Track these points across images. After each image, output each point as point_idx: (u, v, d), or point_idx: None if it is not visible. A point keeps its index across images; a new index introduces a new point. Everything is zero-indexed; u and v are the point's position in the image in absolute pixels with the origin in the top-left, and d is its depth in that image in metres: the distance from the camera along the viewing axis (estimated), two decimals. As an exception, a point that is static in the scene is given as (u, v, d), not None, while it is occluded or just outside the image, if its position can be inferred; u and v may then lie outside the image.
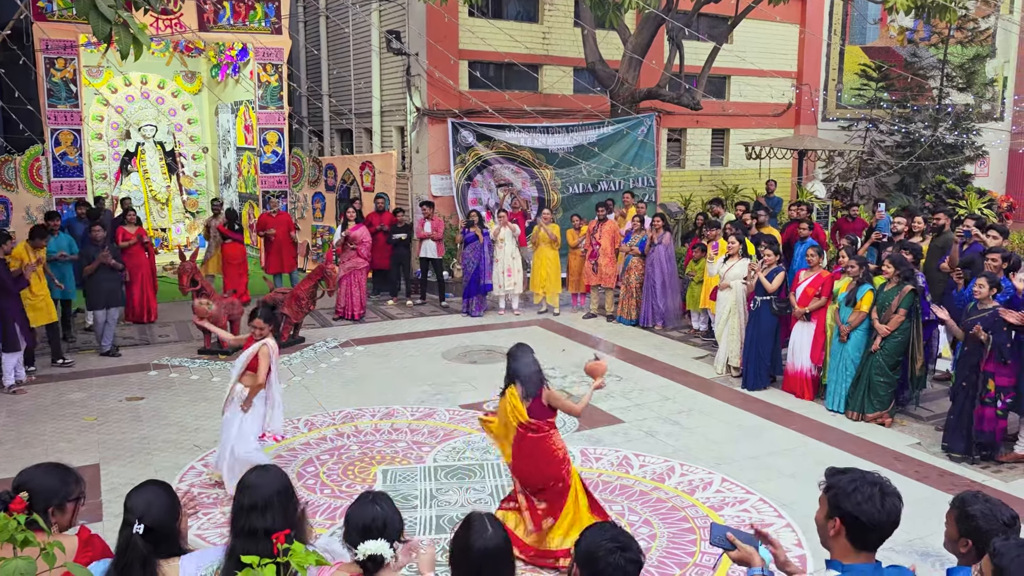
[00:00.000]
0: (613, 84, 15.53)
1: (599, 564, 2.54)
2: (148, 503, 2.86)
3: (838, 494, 2.56)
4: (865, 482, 2.55)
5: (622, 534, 2.61)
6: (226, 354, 10.48)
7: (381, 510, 2.94)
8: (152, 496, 2.90)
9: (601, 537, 2.59)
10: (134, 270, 11.69)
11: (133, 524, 2.80)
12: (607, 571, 2.53)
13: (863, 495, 2.51)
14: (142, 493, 2.91)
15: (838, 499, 2.56)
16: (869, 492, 2.51)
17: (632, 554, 2.55)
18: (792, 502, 6.37)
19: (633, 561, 2.55)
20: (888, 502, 2.51)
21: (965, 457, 7.20)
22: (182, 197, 18.75)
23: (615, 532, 2.62)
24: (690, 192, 18.46)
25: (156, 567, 2.81)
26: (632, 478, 6.83)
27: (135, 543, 2.77)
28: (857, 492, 2.52)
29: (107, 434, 7.79)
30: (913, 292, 8.02)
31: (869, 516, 2.49)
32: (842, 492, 2.55)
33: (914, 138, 18.60)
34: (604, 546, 2.55)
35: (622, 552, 2.54)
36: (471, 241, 12.70)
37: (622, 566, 2.53)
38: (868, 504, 2.50)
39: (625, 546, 2.56)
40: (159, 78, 18.60)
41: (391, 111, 17.25)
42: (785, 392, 9.08)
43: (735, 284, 9.63)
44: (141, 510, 2.83)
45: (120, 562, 2.78)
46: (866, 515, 2.50)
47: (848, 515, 2.53)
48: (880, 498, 2.51)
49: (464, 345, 11.16)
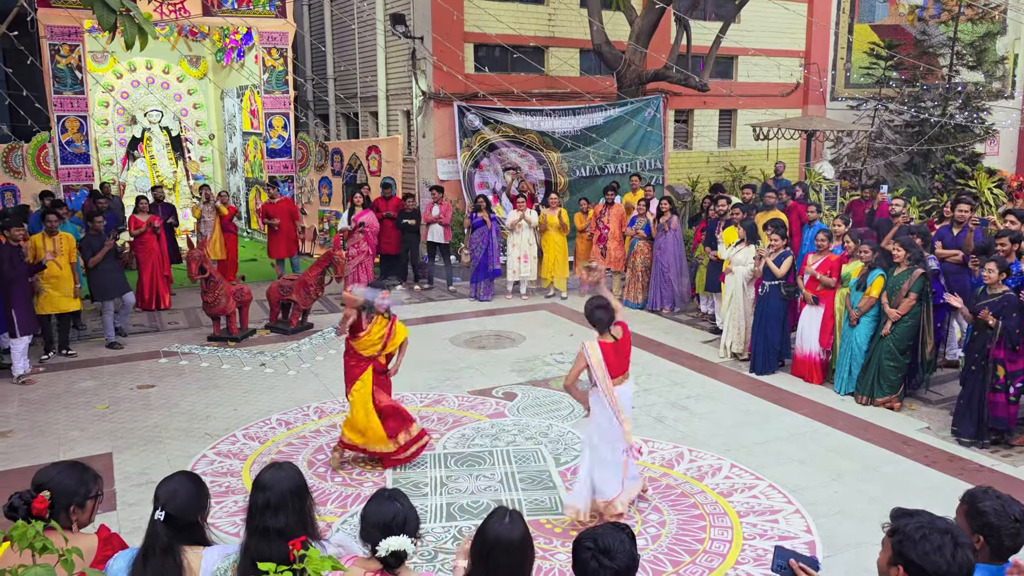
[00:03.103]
0: (620, 66, 15.43)
1: (577, 561, 2.56)
2: (173, 492, 2.95)
3: (903, 540, 2.35)
4: (935, 530, 2.33)
5: (610, 536, 2.58)
6: (235, 340, 10.54)
7: (401, 506, 2.97)
8: (178, 486, 2.99)
9: (587, 535, 2.60)
10: (144, 257, 11.71)
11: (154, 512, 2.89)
12: (582, 570, 2.54)
13: (932, 544, 2.30)
14: (170, 482, 3.01)
15: (903, 546, 2.35)
16: (939, 542, 2.30)
17: (611, 560, 2.52)
18: (801, 488, 6.38)
19: (610, 568, 2.52)
20: (960, 554, 2.30)
21: (975, 442, 7.20)
22: (188, 182, 18.75)
23: (604, 533, 2.59)
24: (698, 174, 18.37)
25: (180, 553, 2.89)
26: (641, 464, 6.84)
27: (156, 530, 2.87)
28: (926, 540, 2.31)
29: (119, 423, 7.84)
30: (924, 276, 7.99)
31: (937, 568, 2.28)
32: (908, 539, 2.34)
33: (923, 117, 18.43)
34: (583, 544, 2.56)
35: (598, 554, 2.52)
36: (479, 226, 12.69)
37: (595, 569, 2.52)
38: (938, 555, 2.29)
39: (604, 549, 2.53)
40: (164, 63, 18.56)
41: (397, 95, 17.19)
42: (794, 376, 9.07)
43: (738, 270, 9.60)
44: (165, 498, 2.92)
45: (147, 549, 2.86)
46: (934, 567, 2.28)
47: (914, 564, 2.31)
48: (952, 548, 2.29)
49: (472, 330, 11.17)
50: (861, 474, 6.67)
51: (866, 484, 6.47)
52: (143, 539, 2.92)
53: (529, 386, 8.83)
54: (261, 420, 7.87)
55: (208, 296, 10.37)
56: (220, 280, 10.50)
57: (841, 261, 8.77)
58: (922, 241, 8.50)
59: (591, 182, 15.38)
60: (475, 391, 8.68)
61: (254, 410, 8.14)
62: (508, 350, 10.27)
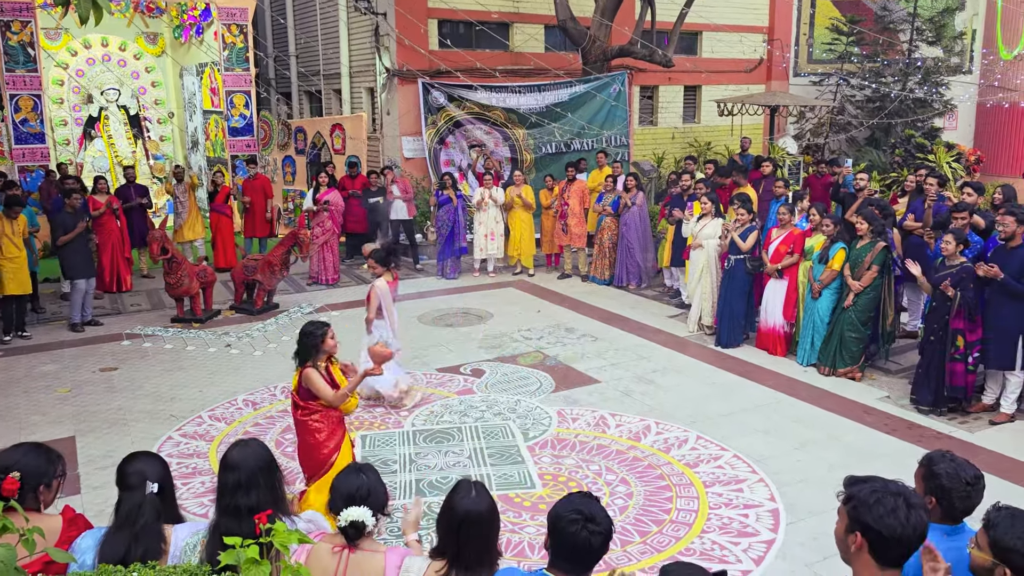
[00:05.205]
0: (585, 42, 15.38)
1: (564, 534, 2.59)
2: (153, 468, 2.95)
3: (858, 506, 2.36)
4: (888, 493, 2.35)
5: (589, 504, 2.63)
6: (200, 322, 10.41)
7: (367, 479, 2.98)
8: (155, 462, 2.99)
9: (568, 507, 2.63)
10: (104, 239, 11.50)
11: (136, 488, 2.87)
12: (571, 541, 2.57)
13: (886, 507, 2.31)
14: (140, 460, 2.99)
15: (858, 511, 2.35)
16: (893, 504, 2.31)
17: (596, 526, 2.57)
18: (765, 457, 6.50)
19: (598, 533, 2.57)
20: (914, 515, 2.31)
21: (933, 409, 7.37)
22: (148, 162, 18.39)
23: (583, 503, 2.63)
24: (663, 150, 18.45)
25: (162, 529, 2.90)
26: (609, 438, 6.92)
27: (152, 501, 2.85)
28: (880, 504, 2.32)
29: (81, 406, 7.73)
30: (885, 248, 8.13)
31: (892, 530, 2.29)
32: (863, 504, 2.34)
33: (884, 93, 18.65)
34: (568, 517, 2.59)
35: (586, 523, 2.57)
36: (444, 204, 12.64)
37: (586, 538, 2.56)
38: (892, 518, 2.30)
39: (590, 517, 2.58)
40: (120, 40, 18.10)
41: (360, 72, 16.99)
42: (758, 349, 9.20)
43: (707, 244, 9.70)
44: (148, 473, 2.91)
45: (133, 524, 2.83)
46: (890, 529, 2.29)
47: (871, 529, 2.32)
48: (906, 511, 2.31)
49: (439, 308, 11.15)
50: (823, 443, 6.81)
51: (828, 452, 6.61)
52: (117, 517, 2.89)
53: (497, 362, 8.86)
54: (227, 401, 7.81)
55: (171, 277, 10.22)
56: (183, 261, 10.35)
57: (804, 235, 8.89)
58: (883, 214, 8.64)
59: (557, 159, 15.36)
60: (443, 368, 8.69)
61: (220, 391, 8.08)
62: (476, 327, 10.28)
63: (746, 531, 5.45)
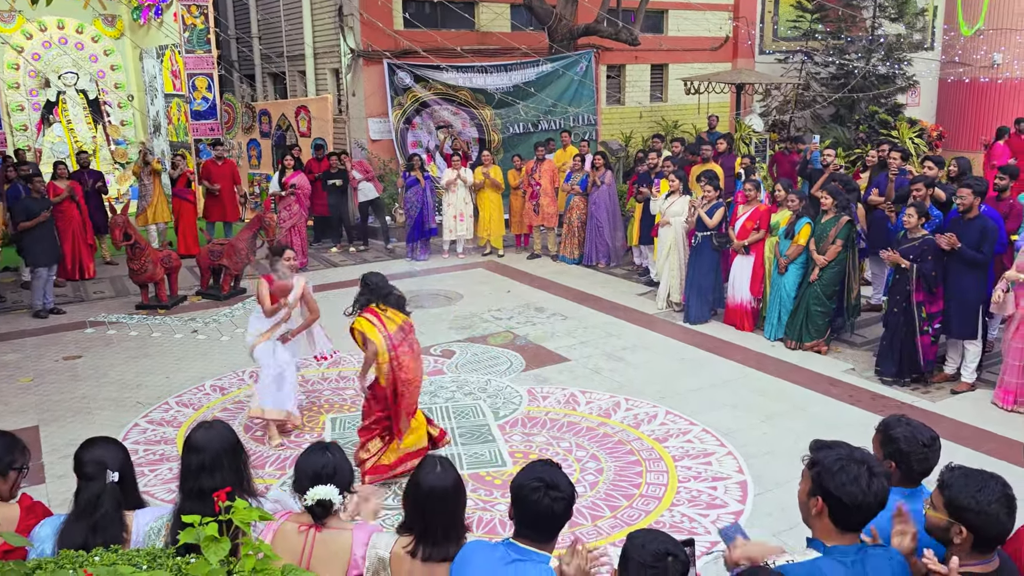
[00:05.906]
0: (551, 20, 15.30)
1: (526, 503, 2.60)
2: (112, 455, 2.90)
3: (822, 472, 2.44)
4: (852, 460, 2.43)
5: (551, 472, 2.64)
6: (165, 308, 10.28)
7: (332, 457, 2.97)
8: (114, 448, 2.94)
9: (529, 476, 2.64)
10: (65, 226, 11.26)
11: (95, 477, 2.81)
12: (534, 509, 2.59)
13: (848, 475, 2.40)
14: (99, 447, 2.93)
15: (822, 478, 2.44)
16: (856, 472, 2.40)
17: (559, 492, 2.59)
18: (733, 431, 6.58)
19: (560, 499, 2.59)
20: (876, 483, 2.40)
21: (896, 380, 7.50)
22: (109, 148, 18.04)
23: (544, 471, 2.65)
24: (631, 129, 18.44)
25: (123, 517, 2.85)
26: (579, 415, 6.96)
27: (112, 490, 2.80)
28: (843, 472, 2.40)
29: (45, 395, 7.61)
30: (850, 223, 8.22)
31: (854, 498, 2.38)
32: (826, 471, 2.43)
33: (848, 69, 18.79)
34: (530, 485, 2.60)
35: (548, 490, 2.58)
36: (412, 185, 12.56)
37: (548, 505, 2.58)
38: (854, 486, 2.38)
39: (552, 484, 2.59)
40: (77, 22, 17.67)
41: (325, 53, 16.76)
42: (726, 325, 9.29)
43: (675, 221, 9.74)
44: (108, 461, 2.86)
45: (92, 512, 2.78)
46: (851, 497, 2.38)
47: (832, 495, 2.41)
48: (868, 479, 2.39)
49: (410, 290, 11.09)
50: (790, 415, 6.91)
51: (794, 424, 6.70)
52: (76, 506, 2.84)
53: (467, 343, 8.85)
54: (195, 387, 7.74)
55: (134, 263, 10.06)
56: (146, 246, 10.19)
57: (770, 211, 8.96)
58: (846, 189, 8.73)
59: (525, 138, 15.31)
60: (413, 350, 8.65)
61: (187, 377, 7.99)
62: (446, 308, 10.26)
63: (715, 503, 5.52)
